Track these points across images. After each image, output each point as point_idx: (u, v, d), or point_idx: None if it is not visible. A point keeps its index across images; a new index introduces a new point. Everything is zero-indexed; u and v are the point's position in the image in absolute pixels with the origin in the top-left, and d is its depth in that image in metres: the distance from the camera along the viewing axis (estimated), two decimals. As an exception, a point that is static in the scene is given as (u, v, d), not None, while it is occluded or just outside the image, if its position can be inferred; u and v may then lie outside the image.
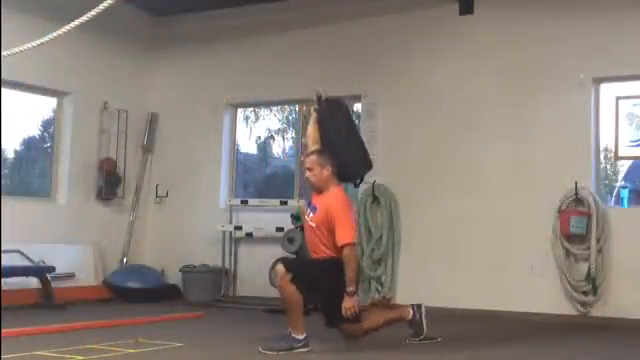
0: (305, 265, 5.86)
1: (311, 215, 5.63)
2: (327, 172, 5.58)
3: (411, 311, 5.93)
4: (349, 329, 5.55)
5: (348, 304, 5.35)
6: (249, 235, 9.64)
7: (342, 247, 5.38)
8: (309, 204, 5.78)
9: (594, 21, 8.14)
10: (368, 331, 5.67)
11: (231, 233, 9.73)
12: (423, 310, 5.96)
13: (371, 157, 6.01)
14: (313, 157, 5.65)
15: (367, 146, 6.08)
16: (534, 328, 7.34)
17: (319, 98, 5.92)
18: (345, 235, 5.40)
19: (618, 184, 8.57)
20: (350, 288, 5.35)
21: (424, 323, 5.92)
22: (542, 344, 6.35)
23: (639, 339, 6.76)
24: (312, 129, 5.88)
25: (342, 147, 5.73)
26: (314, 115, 5.93)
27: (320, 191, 5.63)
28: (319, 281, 5.44)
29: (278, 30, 9.77)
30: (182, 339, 5.76)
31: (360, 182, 6.03)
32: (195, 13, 10.28)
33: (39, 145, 10.23)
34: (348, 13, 9.40)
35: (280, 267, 5.43)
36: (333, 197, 5.54)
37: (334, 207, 5.47)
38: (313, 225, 5.57)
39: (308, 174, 5.64)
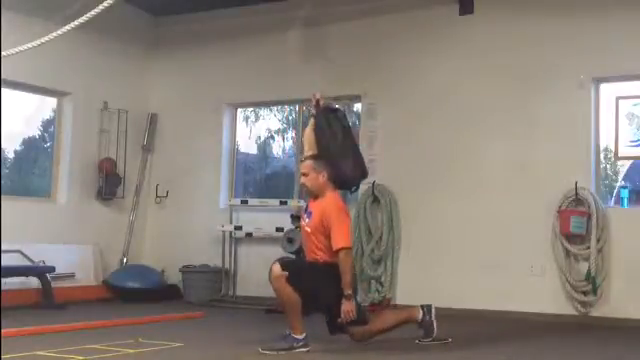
0: (305, 268, 5.78)
1: (307, 220, 5.65)
2: (322, 178, 5.61)
3: (421, 312, 5.90)
4: (359, 332, 5.58)
5: (347, 307, 5.36)
6: (249, 235, 9.64)
7: (338, 251, 5.40)
8: (306, 209, 5.80)
9: (594, 21, 8.14)
10: (379, 332, 5.71)
11: (231, 233, 9.73)
12: (433, 311, 5.92)
13: (367, 165, 6.10)
14: (308, 162, 5.69)
15: (363, 153, 6.18)
16: (534, 328, 7.34)
17: (317, 103, 5.99)
18: (340, 239, 5.42)
19: (618, 184, 8.56)
20: (348, 292, 5.36)
21: (434, 324, 5.88)
22: (542, 344, 6.35)
23: (639, 339, 6.76)
24: (309, 135, 5.93)
25: (338, 154, 5.76)
26: (311, 121, 6.00)
27: (316, 196, 5.66)
28: (319, 288, 5.44)
29: (278, 30, 9.76)
30: (182, 339, 5.76)
31: (355, 190, 6.11)
32: (195, 13, 10.29)
33: (39, 145, 10.22)
34: (348, 13, 9.40)
35: (276, 266, 5.38)
36: (328, 202, 5.56)
37: (329, 212, 5.49)
38: (309, 230, 5.61)
39: (303, 179, 5.67)
